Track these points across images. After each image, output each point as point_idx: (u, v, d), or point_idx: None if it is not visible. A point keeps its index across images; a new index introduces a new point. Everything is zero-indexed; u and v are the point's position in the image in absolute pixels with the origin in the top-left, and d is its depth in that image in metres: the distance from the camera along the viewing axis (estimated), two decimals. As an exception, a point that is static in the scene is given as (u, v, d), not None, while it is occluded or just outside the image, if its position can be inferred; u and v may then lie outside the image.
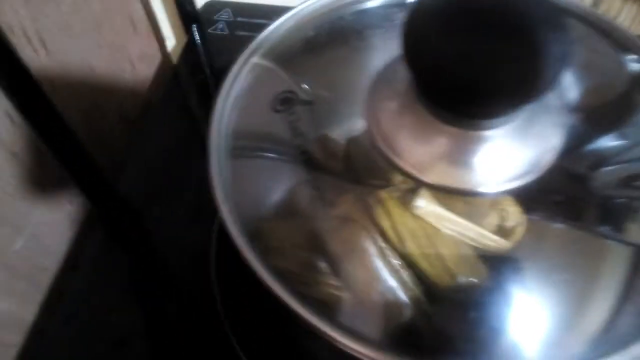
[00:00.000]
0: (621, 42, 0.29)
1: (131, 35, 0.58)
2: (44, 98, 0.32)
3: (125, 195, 0.44)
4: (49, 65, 0.42)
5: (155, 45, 0.63)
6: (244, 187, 0.25)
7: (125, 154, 0.52)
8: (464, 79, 0.18)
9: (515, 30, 0.18)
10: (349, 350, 0.20)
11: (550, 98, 0.23)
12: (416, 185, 0.23)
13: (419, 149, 0.22)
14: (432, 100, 0.20)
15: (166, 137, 0.51)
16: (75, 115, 0.46)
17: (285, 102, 0.25)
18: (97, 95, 0.50)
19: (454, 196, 0.25)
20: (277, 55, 0.30)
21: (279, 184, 0.25)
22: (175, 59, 0.61)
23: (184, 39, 0.58)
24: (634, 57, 0.28)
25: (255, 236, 0.24)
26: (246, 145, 0.26)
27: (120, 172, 0.49)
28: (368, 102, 0.23)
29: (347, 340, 0.20)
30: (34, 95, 0.32)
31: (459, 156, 0.22)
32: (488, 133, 0.21)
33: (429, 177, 0.22)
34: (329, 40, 0.31)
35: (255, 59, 0.29)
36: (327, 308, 0.24)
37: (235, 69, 0.28)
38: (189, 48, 0.56)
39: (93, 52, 0.48)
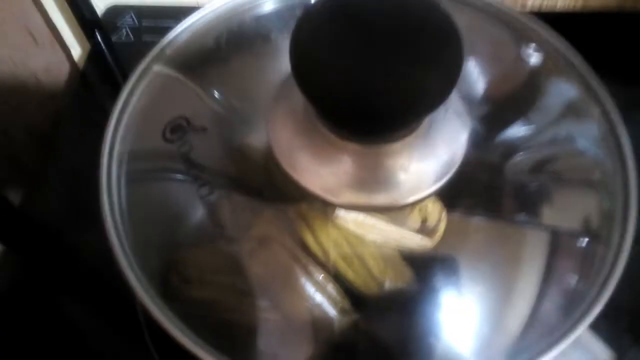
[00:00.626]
0: (522, 32, 0.29)
1: (32, 47, 0.54)
2: None
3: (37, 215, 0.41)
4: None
5: (61, 55, 0.59)
6: (146, 216, 0.23)
7: (40, 173, 0.49)
8: (356, 97, 0.17)
9: (406, 41, 0.18)
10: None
11: (451, 102, 0.22)
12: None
13: (324, 169, 0.21)
14: (328, 119, 0.19)
15: (80, 150, 0.48)
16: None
17: (176, 130, 0.24)
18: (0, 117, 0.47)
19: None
20: (180, 62, 0.28)
21: (184, 210, 0.24)
22: (82, 68, 0.58)
23: (88, 47, 0.54)
24: (534, 48, 0.28)
25: (169, 267, 0.23)
26: (144, 171, 0.24)
27: (36, 192, 0.46)
28: (269, 117, 0.22)
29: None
30: None
31: (367, 172, 0.21)
32: (391, 146, 0.20)
33: (341, 198, 0.21)
34: (236, 44, 0.29)
35: (157, 67, 0.27)
36: (256, 333, 0.23)
37: (132, 79, 0.26)
38: (95, 56, 0.52)
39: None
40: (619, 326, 0.34)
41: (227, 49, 0.28)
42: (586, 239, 0.25)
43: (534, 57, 0.28)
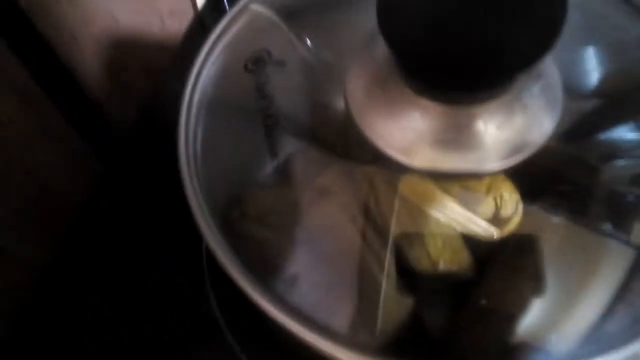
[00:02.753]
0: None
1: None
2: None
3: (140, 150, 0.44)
4: (69, 11, 0.42)
5: (186, 1, 0.62)
6: (219, 149, 0.24)
7: (146, 108, 0.52)
8: (443, 51, 0.16)
9: None
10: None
11: (547, 76, 0.21)
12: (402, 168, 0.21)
13: (401, 129, 0.20)
14: (412, 75, 0.18)
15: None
16: (100, 70, 0.47)
17: (258, 61, 0.24)
18: (121, 48, 0.50)
19: (448, 178, 0.24)
20: (279, 4, 0.28)
21: (253, 149, 0.24)
22: (201, 12, 0.60)
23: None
24: None
25: (233, 202, 0.23)
26: (223, 105, 0.25)
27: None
28: (347, 72, 0.21)
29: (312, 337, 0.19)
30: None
31: (442, 135, 0.20)
32: (472, 109, 0.19)
33: (415, 160, 0.20)
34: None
35: (254, 7, 0.27)
36: (301, 281, 0.23)
37: (230, 14, 0.25)
38: (216, 6, 0.55)
39: (118, 3, 0.48)
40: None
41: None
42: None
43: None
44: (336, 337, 0.19)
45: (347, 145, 0.24)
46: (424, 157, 0.20)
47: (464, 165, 0.20)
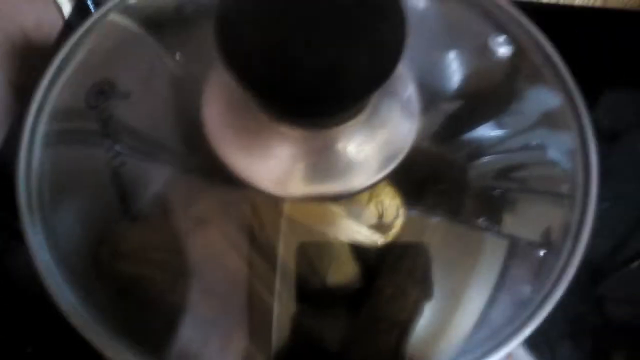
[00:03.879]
0: (502, 22, 0.27)
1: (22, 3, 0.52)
2: None
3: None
4: None
5: (54, 11, 0.57)
6: (73, 179, 0.22)
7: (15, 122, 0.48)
8: (285, 78, 0.16)
9: (341, 17, 0.16)
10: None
11: (402, 88, 0.21)
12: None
13: (264, 158, 0.19)
14: (261, 106, 0.18)
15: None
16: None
17: (99, 95, 0.22)
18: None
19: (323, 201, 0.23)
20: (139, 15, 0.26)
21: (118, 181, 0.23)
22: (68, 20, 0.56)
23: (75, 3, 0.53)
24: (504, 39, 0.27)
25: (101, 242, 0.22)
26: (73, 133, 0.22)
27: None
28: (205, 91, 0.20)
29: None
30: None
31: (311, 160, 0.19)
32: (331, 131, 0.19)
33: (286, 190, 0.20)
34: (204, 10, 0.27)
35: (115, 16, 0.25)
36: (187, 315, 0.22)
37: (85, 26, 0.24)
38: (80, 10, 0.51)
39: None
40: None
41: (190, 13, 0.26)
42: (544, 251, 0.24)
43: (508, 52, 0.26)
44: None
45: (221, 169, 0.23)
46: (294, 186, 0.20)
47: (336, 187, 0.20)
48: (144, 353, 0.19)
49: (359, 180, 0.20)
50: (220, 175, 0.23)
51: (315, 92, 0.16)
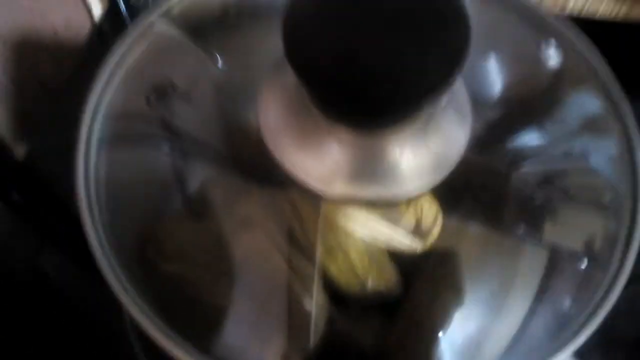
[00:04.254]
0: (549, 31, 0.27)
1: (53, 1, 0.53)
2: None
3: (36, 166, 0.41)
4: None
5: (83, 12, 0.58)
6: (126, 180, 0.22)
7: (48, 126, 0.48)
8: (352, 80, 0.16)
9: (409, 21, 0.16)
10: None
11: (456, 95, 0.21)
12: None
13: (316, 158, 0.19)
14: (323, 105, 0.18)
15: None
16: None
17: (161, 94, 0.23)
18: (11, 66, 0.46)
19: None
20: (185, 23, 0.26)
21: (167, 181, 0.23)
22: (99, 25, 0.57)
23: (107, 6, 0.54)
24: (554, 47, 0.26)
25: (147, 239, 0.22)
26: (127, 134, 0.23)
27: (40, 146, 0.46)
28: (260, 98, 0.20)
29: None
30: None
31: (358, 164, 0.19)
32: (386, 137, 0.19)
33: (332, 189, 0.20)
34: (243, 16, 0.28)
35: (158, 25, 0.25)
36: (228, 317, 0.22)
37: (131, 34, 0.24)
38: (113, 14, 0.51)
39: (4, 18, 0.44)
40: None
41: (234, 18, 0.27)
42: (585, 262, 0.24)
43: (553, 58, 0.26)
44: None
45: (265, 171, 0.23)
46: (342, 187, 0.20)
47: (383, 192, 0.20)
48: (192, 348, 0.19)
49: (406, 188, 0.20)
50: (265, 177, 0.23)
51: (381, 94, 0.16)
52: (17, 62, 0.48)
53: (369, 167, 0.20)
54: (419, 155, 0.20)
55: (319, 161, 0.19)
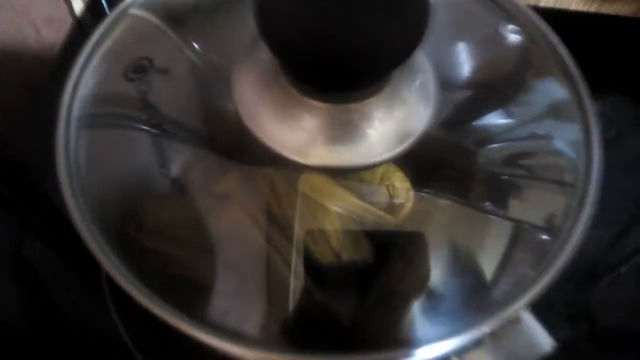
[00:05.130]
0: (514, 17, 0.28)
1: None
2: None
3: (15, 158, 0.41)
4: None
5: (63, 8, 0.59)
6: (104, 160, 0.23)
7: (32, 122, 0.49)
8: (322, 51, 0.17)
9: None
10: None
11: (421, 70, 0.22)
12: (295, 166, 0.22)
13: (287, 127, 0.21)
14: (294, 76, 0.19)
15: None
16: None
17: (139, 69, 0.24)
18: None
19: (341, 174, 0.25)
20: (160, 8, 0.27)
21: (141, 159, 0.24)
22: (80, 19, 0.57)
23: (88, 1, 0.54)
24: (514, 28, 0.28)
25: (128, 216, 0.23)
26: (106, 114, 0.24)
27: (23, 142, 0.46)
28: (235, 71, 0.22)
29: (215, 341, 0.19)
30: None
31: (329, 132, 0.21)
32: (354, 105, 0.20)
33: (308, 159, 0.21)
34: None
35: (134, 11, 0.26)
36: (209, 291, 0.23)
37: (108, 20, 0.25)
38: (94, 9, 0.52)
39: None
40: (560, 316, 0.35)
41: (210, 4, 0.28)
42: (547, 236, 0.25)
43: (519, 44, 0.27)
44: (248, 341, 0.19)
45: (242, 148, 0.24)
46: (317, 155, 0.21)
47: (354, 159, 0.21)
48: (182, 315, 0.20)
49: (375, 155, 0.21)
50: (243, 155, 0.24)
51: (349, 62, 0.17)
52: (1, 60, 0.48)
53: (341, 135, 0.21)
54: (385, 124, 0.21)
55: (293, 132, 0.20)
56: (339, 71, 0.17)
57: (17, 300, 0.36)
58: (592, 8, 0.51)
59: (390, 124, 0.21)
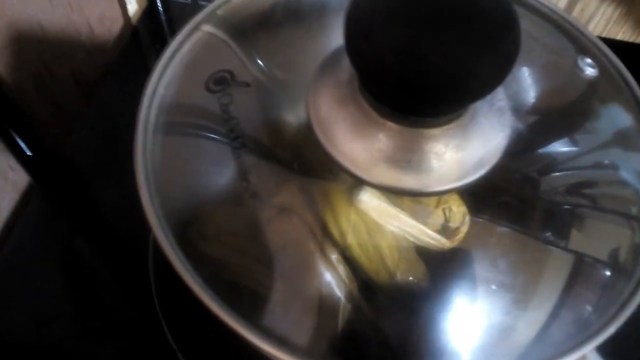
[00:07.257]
0: (582, 45, 0.28)
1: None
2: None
3: (69, 158, 0.42)
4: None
5: (117, 8, 0.60)
6: (176, 166, 0.23)
7: (79, 118, 0.50)
8: (408, 75, 0.17)
9: (465, 22, 0.17)
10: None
11: (497, 97, 0.22)
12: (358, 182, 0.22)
13: (360, 145, 0.21)
14: (374, 95, 0.19)
15: (122, 104, 0.49)
16: (25, 77, 0.44)
17: (220, 82, 0.24)
18: (48, 57, 0.48)
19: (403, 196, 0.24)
20: (231, 25, 0.28)
21: (214, 168, 0.24)
22: (135, 24, 0.59)
23: (145, 4, 0.55)
24: (591, 62, 0.27)
25: (189, 221, 0.23)
26: (181, 123, 0.24)
27: (70, 136, 0.47)
28: (311, 86, 0.22)
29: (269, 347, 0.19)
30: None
31: (402, 155, 0.21)
32: (432, 131, 0.20)
33: (371, 176, 0.21)
34: (287, 16, 0.29)
35: (206, 27, 0.27)
36: (260, 300, 0.23)
37: (181, 35, 0.26)
38: (150, 14, 0.53)
39: (44, 11, 0.46)
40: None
41: (280, 18, 0.28)
42: (610, 272, 0.24)
43: (589, 70, 0.27)
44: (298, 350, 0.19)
45: (304, 162, 0.24)
46: (383, 175, 0.21)
47: (420, 185, 0.21)
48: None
49: (443, 183, 0.21)
50: (306, 169, 0.24)
51: (438, 89, 0.17)
52: (53, 53, 0.49)
53: (412, 159, 0.20)
54: (459, 153, 0.21)
55: (365, 151, 0.20)
56: (426, 96, 0.17)
57: (65, 297, 0.36)
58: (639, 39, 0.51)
59: (464, 153, 0.21)
